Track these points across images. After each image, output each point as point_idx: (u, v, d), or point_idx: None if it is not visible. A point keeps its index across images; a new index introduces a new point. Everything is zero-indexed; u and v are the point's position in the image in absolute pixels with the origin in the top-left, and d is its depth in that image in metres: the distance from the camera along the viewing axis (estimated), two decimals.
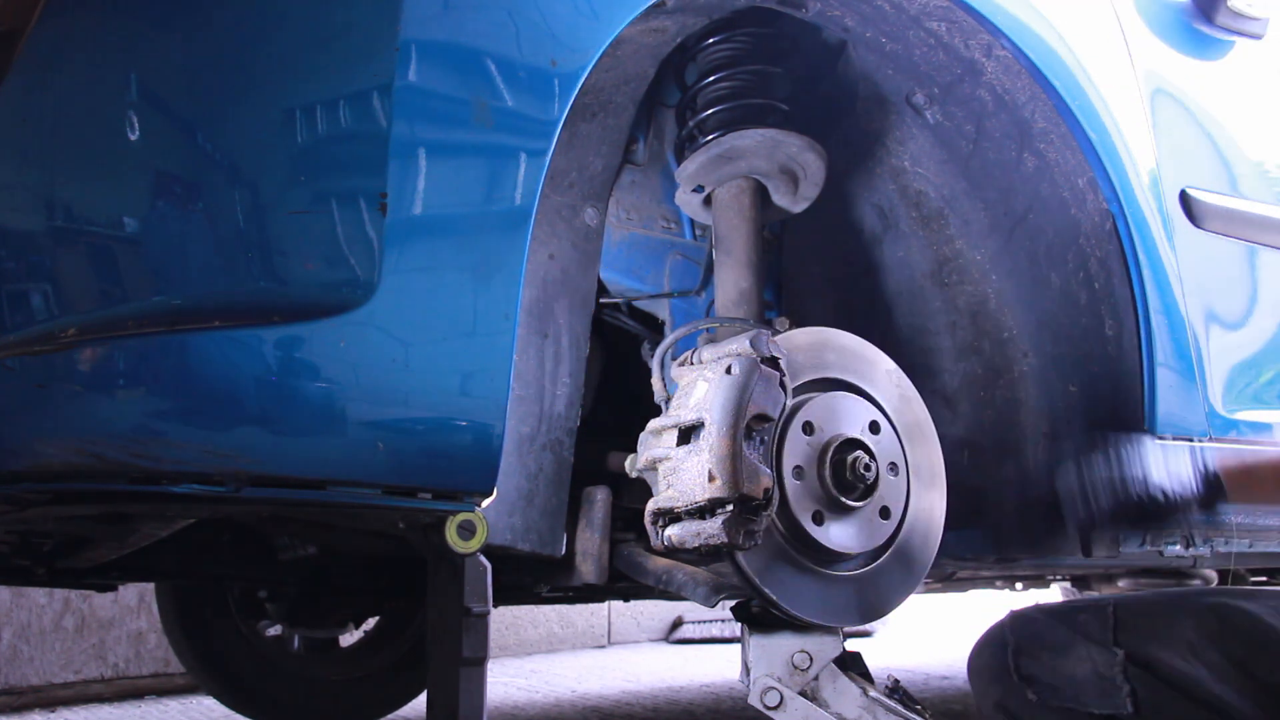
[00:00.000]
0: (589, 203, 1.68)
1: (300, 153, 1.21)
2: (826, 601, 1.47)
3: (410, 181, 1.21)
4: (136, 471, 1.16)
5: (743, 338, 1.43)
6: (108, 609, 3.59)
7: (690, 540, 1.36)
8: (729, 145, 1.69)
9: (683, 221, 1.93)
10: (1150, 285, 1.79)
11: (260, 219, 1.20)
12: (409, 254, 1.21)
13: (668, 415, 1.45)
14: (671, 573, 1.62)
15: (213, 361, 1.17)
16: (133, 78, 1.22)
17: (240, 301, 1.18)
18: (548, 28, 1.31)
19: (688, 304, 1.92)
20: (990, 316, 1.91)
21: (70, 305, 1.20)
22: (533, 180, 1.29)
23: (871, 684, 1.47)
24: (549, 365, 1.63)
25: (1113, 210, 1.77)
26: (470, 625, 1.32)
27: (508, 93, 1.27)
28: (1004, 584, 3.52)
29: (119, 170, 1.21)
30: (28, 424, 1.18)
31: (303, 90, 1.22)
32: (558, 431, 1.63)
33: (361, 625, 2.88)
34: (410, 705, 2.89)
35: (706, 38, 1.74)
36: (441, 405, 1.25)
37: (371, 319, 1.19)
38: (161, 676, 3.68)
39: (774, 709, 1.44)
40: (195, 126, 1.22)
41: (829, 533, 1.46)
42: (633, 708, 3.22)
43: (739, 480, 1.33)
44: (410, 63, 1.21)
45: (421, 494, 1.27)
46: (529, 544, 1.58)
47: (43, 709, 3.39)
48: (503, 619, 4.72)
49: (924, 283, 1.96)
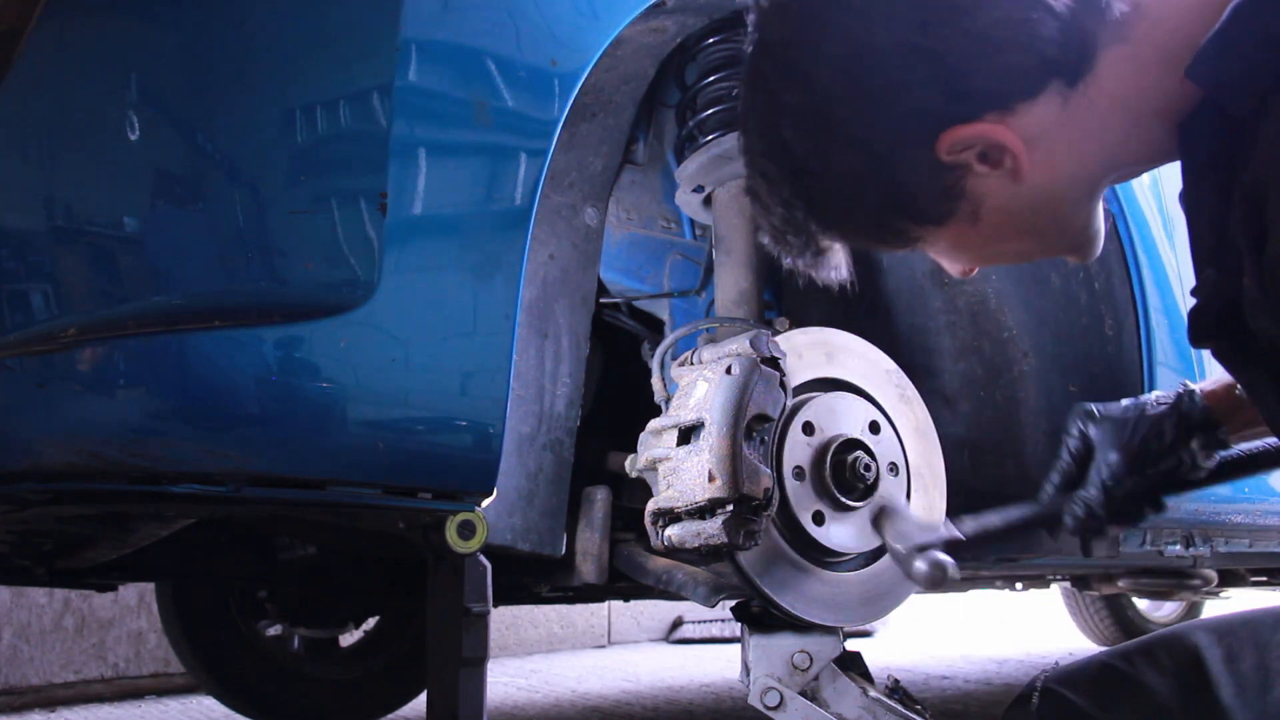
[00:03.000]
0: (589, 203, 1.68)
1: (300, 152, 1.21)
2: (826, 601, 1.47)
3: (410, 181, 1.21)
4: (136, 471, 1.16)
5: (743, 338, 1.43)
6: (108, 609, 3.59)
7: (690, 540, 1.36)
8: (729, 145, 1.69)
9: (683, 221, 1.93)
10: (1150, 285, 1.79)
11: (260, 219, 1.20)
12: (409, 254, 1.21)
13: (668, 415, 1.45)
14: (671, 573, 1.62)
15: (213, 361, 1.17)
16: (133, 78, 1.22)
17: (240, 301, 1.18)
18: (548, 27, 1.31)
19: (688, 304, 1.92)
20: (990, 316, 1.91)
21: (70, 305, 1.20)
22: (533, 180, 1.29)
23: (871, 684, 1.47)
24: (549, 365, 1.63)
25: (1113, 210, 1.77)
26: (470, 625, 1.32)
27: (508, 92, 1.27)
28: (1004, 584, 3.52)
29: (119, 170, 1.21)
30: (28, 424, 1.18)
31: (303, 90, 1.22)
32: (558, 431, 1.63)
33: (361, 625, 2.88)
34: (410, 705, 2.89)
35: (706, 37, 1.74)
36: (441, 405, 1.25)
37: (371, 319, 1.19)
38: (161, 676, 3.68)
39: (774, 709, 1.44)
40: (195, 126, 1.22)
41: (829, 533, 1.46)
42: (633, 708, 3.22)
43: (739, 480, 1.33)
44: (410, 62, 1.21)
45: (421, 494, 1.27)
46: (529, 544, 1.58)
47: (43, 709, 3.39)
48: (503, 619, 4.72)
49: (924, 282, 1.96)
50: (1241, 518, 2.02)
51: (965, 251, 1.11)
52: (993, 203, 1.02)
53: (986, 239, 1.06)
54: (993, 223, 1.03)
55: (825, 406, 1.49)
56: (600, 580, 1.71)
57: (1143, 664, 1.24)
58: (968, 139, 0.97)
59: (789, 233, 1.10)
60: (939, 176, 1.00)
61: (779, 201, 1.07)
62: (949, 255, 1.12)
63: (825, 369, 1.53)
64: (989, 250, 1.10)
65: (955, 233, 1.06)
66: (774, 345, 1.42)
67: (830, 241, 1.12)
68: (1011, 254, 1.13)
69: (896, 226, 1.06)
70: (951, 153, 0.98)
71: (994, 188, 1.01)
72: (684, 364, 1.51)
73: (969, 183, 1.00)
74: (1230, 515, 2.00)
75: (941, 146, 0.98)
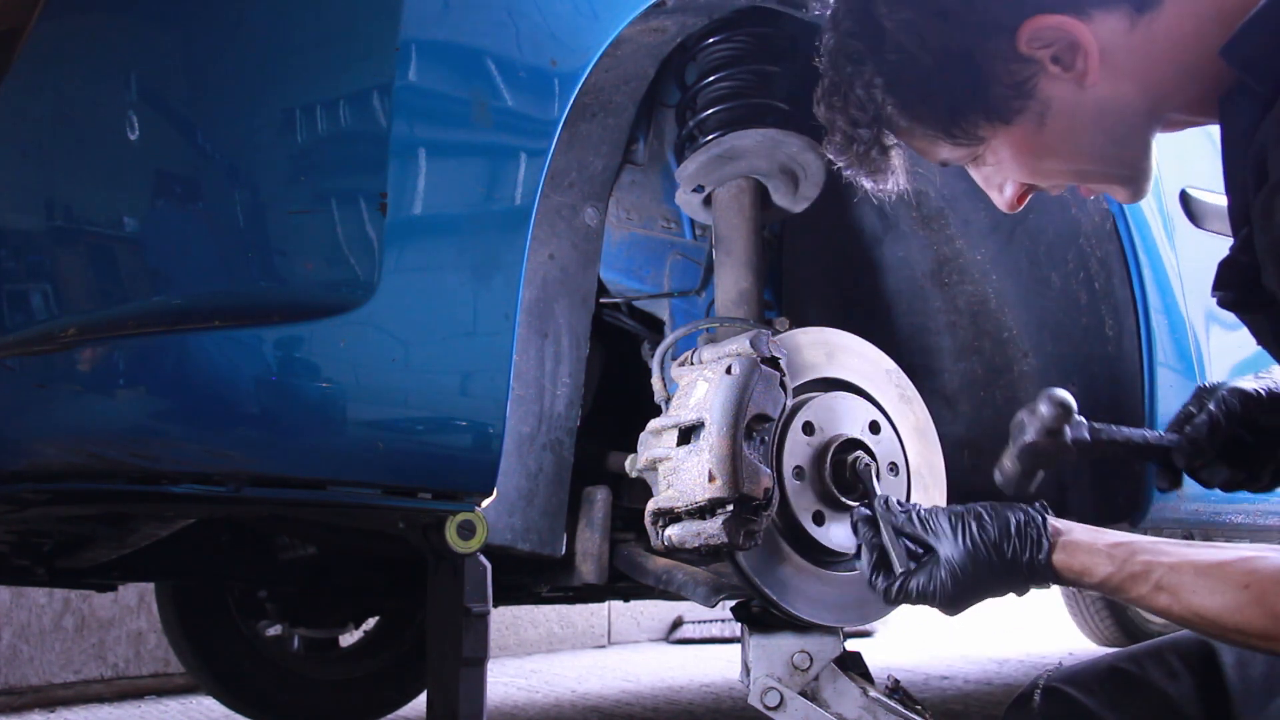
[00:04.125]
0: (589, 202, 1.68)
1: (300, 152, 1.21)
2: (827, 601, 1.47)
3: (410, 181, 1.21)
4: (136, 471, 1.16)
5: (743, 338, 1.43)
6: (108, 609, 3.59)
7: (690, 540, 1.36)
8: (729, 145, 1.69)
9: (683, 221, 1.93)
10: (1150, 285, 1.79)
11: (260, 219, 1.20)
12: (409, 254, 1.21)
13: (668, 415, 1.45)
14: (671, 573, 1.62)
15: (212, 361, 1.17)
16: (133, 78, 1.22)
17: (240, 301, 1.18)
18: (548, 27, 1.31)
19: (688, 304, 1.92)
20: (990, 316, 1.91)
21: (70, 305, 1.20)
22: (533, 180, 1.29)
23: (871, 684, 1.47)
24: (549, 365, 1.63)
25: (1113, 210, 1.77)
26: (470, 625, 1.32)
27: (508, 93, 1.27)
28: None
29: (119, 170, 1.21)
30: (28, 424, 1.18)
31: (303, 90, 1.22)
32: (558, 431, 1.63)
33: (361, 625, 2.88)
34: (410, 705, 2.89)
35: (706, 37, 1.74)
36: (441, 405, 1.25)
37: (371, 319, 1.19)
38: (161, 676, 3.68)
39: (774, 709, 1.44)
40: (195, 126, 1.22)
41: (829, 533, 1.46)
42: (633, 708, 3.22)
43: (739, 480, 1.33)
44: (410, 62, 1.21)
45: (421, 494, 1.27)
46: (529, 544, 1.58)
47: (43, 709, 3.39)
48: (503, 619, 4.72)
49: (924, 282, 1.96)
50: (1242, 518, 2.02)
51: (1024, 162, 1.16)
52: (1060, 106, 1.10)
53: (1048, 148, 1.13)
54: (1057, 129, 1.11)
55: (825, 406, 1.49)
56: (600, 580, 1.71)
57: (1152, 667, 1.24)
58: (1048, 31, 1.06)
59: (861, 125, 1.17)
60: (1015, 69, 1.08)
61: (861, 83, 1.15)
62: (1009, 166, 1.17)
63: (825, 369, 1.53)
64: (1047, 164, 1.16)
65: (1020, 137, 1.12)
66: (774, 345, 1.42)
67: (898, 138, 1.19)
68: (1068, 172, 1.17)
69: (969, 118, 1.13)
70: (1030, 45, 1.07)
71: (1063, 91, 1.09)
72: (684, 364, 1.51)
73: (1041, 82, 1.09)
74: (1230, 515, 2.00)
75: (1022, 36, 1.06)
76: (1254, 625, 1.03)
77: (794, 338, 1.53)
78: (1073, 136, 1.12)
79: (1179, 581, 1.08)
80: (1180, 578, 1.08)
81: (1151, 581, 1.10)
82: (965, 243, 1.90)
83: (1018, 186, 1.19)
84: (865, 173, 1.22)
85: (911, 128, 1.17)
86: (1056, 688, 1.23)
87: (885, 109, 1.15)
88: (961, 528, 1.19)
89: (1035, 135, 1.12)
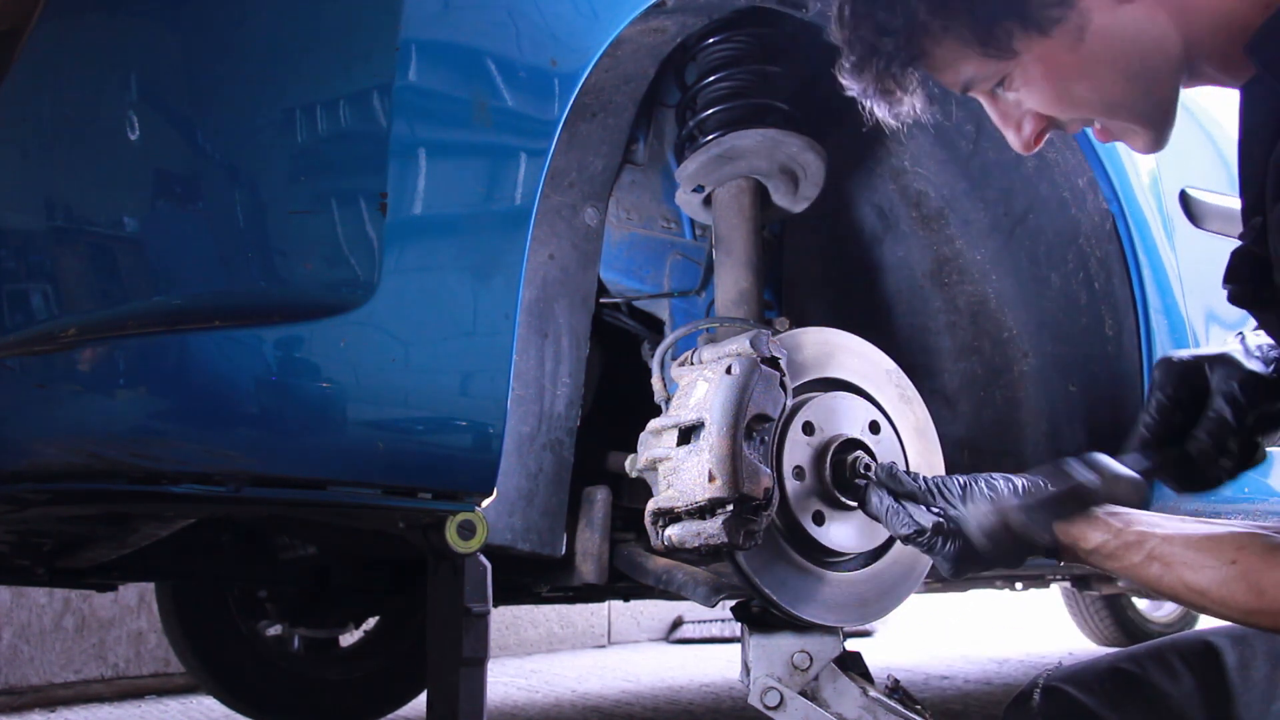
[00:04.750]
0: (589, 202, 1.68)
1: (300, 152, 1.21)
2: (826, 601, 1.47)
3: (410, 181, 1.21)
4: (136, 471, 1.16)
5: (743, 338, 1.43)
6: (108, 609, 3.59)
7: (690, 540, 1.36)
8: (729, 145, 1.69)
9: (683, 221, 1.93)
10: (1150, 285, 1.79)
11: (260, 219, 1.20)
12: (409, 254, 1.21)
13: (668, 415, 1.45)
14: (671, 573, 1.62)
15: (213, 361, 1.17)
16: (133, 78, 1.22)
17: (240, 301, 1.18)
18: (548, 27, 1.31)
19: (688, 304, 1.92)
20: (990, 316, 1.91)
21: (70, 305, 1.20)
22: (533, 180, 1.29)
23: (871, 684, 1.47)
24: (549, 365, 1.63)
25: (1113, 210, 1.77)
26: (470, 625, 1.32)
27: (508, 93, 1.27)
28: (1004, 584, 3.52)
29: (119, 170, 1.21)
30: (28, 424, 1.18)
31: (303, 90, 1.22)
32: (558, 431, 1.63)
33: (361, 625, 2.88)
34: (410, 705, 2.89)
35: (707, 37, 1.74)
36: (441, 405, 1.25)
37: (371, 319, 1.19)
38: (161, 676, 3.68)
39: (774, 709, 1.44)
40: (195, 126, 1.22)
41: (829, 533, 1.46)
42: (633, 708, 3.22)
43: (739, 480, 1.33)
44: (410, 62, 1.21)
45: (421, 494, 1.27)
46: (529, 544, 1.58)
47: (43, 709, 3.39)
48: (503, 619, 4.72)
49: (924, 282, 1.96)
50: (1242, 518, 2.02)
51: (1055, 85, 1.13)
52: (1099, 22, 1.08)
53: (1081, 70, 1.10)
54: (1093, 49, 1.09)
55: (825, 406, 1.49)
56: (600, 580, 1.71)
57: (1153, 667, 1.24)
58: None
59: (888, 31, 1.13)
60: None
61: None
62: (1037, 89, 1.14)
63: (825, 369, 1.53)
64: (1078, 89, 1.13)
65: (1054, 53, 1.10)
66: (774, 345, 1.42)
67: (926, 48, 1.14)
68: (1097, 104, 1.14)
69: (1005, 25, 1.09)
70: None
71: (1102, 5, 1.07)
72: (684, 364, 1.51)
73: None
74: (1231, 515, 2.00)
75: None
76: (1238, 600, 1.05)
77: (794, 338, 1.53)
78: (1109, 59, 1.10)
79: (1171, 553, 1.10)
80: (1172, 549, 1.10)
81: (1145, 550, 1.11)
82: (965, 243, 1.90)
83: (1036, 123, 1.16)
84: (881, 94, 1.18)
85: (942, 35, 1.12)
86: (1056, 687, 1.23)
87: (918, 12, 1.11)
88: (970, 493, 1.21)
89: (1070, 53, 1.09)
